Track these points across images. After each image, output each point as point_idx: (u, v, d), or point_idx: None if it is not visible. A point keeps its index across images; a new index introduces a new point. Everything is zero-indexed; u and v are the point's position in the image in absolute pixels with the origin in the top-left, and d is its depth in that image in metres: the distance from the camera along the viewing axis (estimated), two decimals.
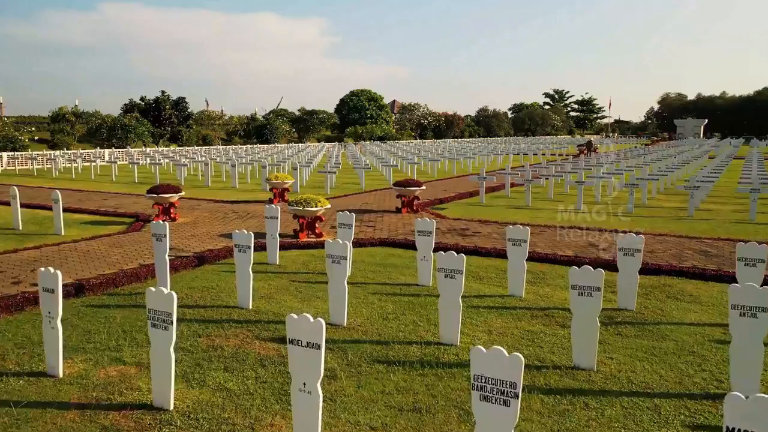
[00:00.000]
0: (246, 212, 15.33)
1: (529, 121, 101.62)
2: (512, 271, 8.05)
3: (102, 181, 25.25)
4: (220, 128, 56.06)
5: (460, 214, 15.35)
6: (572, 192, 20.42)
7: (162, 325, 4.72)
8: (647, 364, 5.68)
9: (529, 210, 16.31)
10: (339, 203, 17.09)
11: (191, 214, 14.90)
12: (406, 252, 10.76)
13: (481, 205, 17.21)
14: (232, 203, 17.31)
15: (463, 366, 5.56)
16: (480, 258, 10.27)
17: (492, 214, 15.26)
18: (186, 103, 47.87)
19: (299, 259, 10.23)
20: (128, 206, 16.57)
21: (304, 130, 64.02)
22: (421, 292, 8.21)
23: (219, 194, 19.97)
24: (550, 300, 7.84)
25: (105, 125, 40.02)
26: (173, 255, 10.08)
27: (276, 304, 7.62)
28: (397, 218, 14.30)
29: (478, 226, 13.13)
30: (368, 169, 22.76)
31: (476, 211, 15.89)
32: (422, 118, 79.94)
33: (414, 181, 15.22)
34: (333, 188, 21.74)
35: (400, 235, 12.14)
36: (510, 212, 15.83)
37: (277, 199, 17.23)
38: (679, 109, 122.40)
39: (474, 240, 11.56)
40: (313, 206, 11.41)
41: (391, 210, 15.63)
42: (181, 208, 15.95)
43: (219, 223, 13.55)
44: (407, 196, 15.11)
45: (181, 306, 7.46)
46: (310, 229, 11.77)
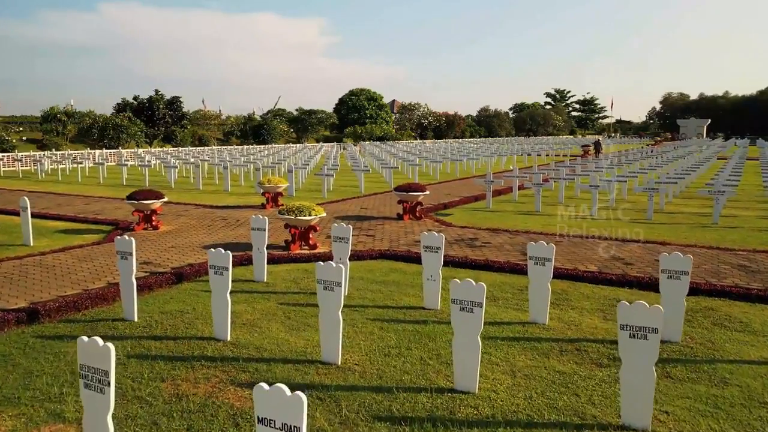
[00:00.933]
0: (236, 219, 14.21)
1: (531, 121, 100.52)
2: (534, 294, 6.95)
3: (89, 184, 24.13)
4: (216, 128, 54.93)
5: (466, 221, 14.25)
6: (583, 196, 19.32)
7: (97, 387, 3.62)
8: (713, 422, 4.58)
9: (539, 216, 15.20)
10: (336, 208, 15.98)
11: (176, 222, 13.78)
12: (410, 266, 9.65)
13: (488, 211, 16.11)
14: (222, 209, 16.20)
15: (486, 425, 4.46)
16: (493, 274, 9.16)
17: (501, 221, 14.15)
18: (180, 103, 46.62)
19: (290, 276, 9.12)
20: (110, 212, 15.46)
21: (302, 130, 62.89)
22: (428, 317, 7.11)
23: (209, 198, 18.85)
24: (578, 328, 6.73)
25: (96, 125, 38.82)
26: (148, 271, 8.98)
27: (259, 334, 6.51)
28: (398, 226, 13.19)
29: (488, 236, 12.03)
30: (367, 172, 21.66)
31: (484, 218, 14.78)
32: (422, 118, 78.82)
33: (417, 185, 14.11)
34: (330, 191, 20.63)
35: (403, 245, 11.04)
36: (520, 219, 14.72)
37: (270, 204, 16.13)
38: (682, 108, 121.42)
39: (484, 252, 10.46)
40: (306, 215, 10.31)
41: (391, 217, 14.52)
42: (166, 214, 14.84)
43: (205, 232, 12.44)
44: (409, 202, 14.01)
45: (147, 338, 6.36)
46: (303, 240, 10.66)
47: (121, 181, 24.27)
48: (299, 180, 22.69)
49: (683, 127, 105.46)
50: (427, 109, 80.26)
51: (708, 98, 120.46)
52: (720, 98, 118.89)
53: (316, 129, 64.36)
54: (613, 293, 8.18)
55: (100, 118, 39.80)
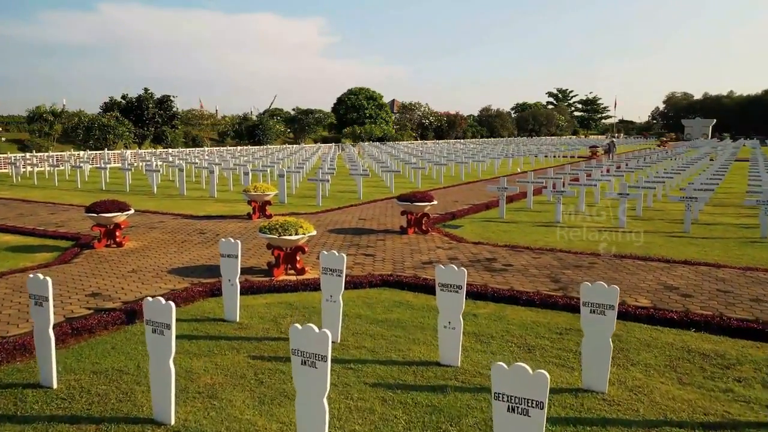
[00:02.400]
0: (216, 233, 12.43)
1: (533, 121, 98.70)
2: (590, 352, 5.17)
3: (66, 189, 22.36)
4: (209, 128, 53.10)
5: (479, 234, 12.48)
6: (605, 202, 17.56)
7: None
8: None
9: (560, 228, 13.43)
10: (331, 219, 14.20)
11: (146, 236, 12.00)
12: (418, 297, 7.89)
13: (502, 222, 14.32)
14: (202, 219, 14.41)
15: None
16: (521, 310, 7.40)
17: (519, 236, 12.38)
18: (171, 102, 44.64)
19: (270, 313, 7.34)
20: (75, 223, 13.70)
21: (300, 130, 61.04)
22: (447, 379, 5.36)
23: (191, 206, 17.07)
24: (651, 400, 4.96)
25: (81, 125, 36.94)
26: (93, 306, 7.22)
27: (217, 413, 4.74)
28: (402, 242, 11.42)
29: (508, 255, 10.25)
30: (366, 176, 19.88)
31: (499, 231, 13.01)
32: (423, 118, 77.01)
33: (422, 194, 12.32)
34: (326, 198, 18.85)
35: (408, 268, 9.28)
36: (539, 232, 12.94)
37: (257, 213, 14.35)
38: (685, 108, 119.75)
39: (507, 278, 8.69)
40: (292, 234, 8.54)
41: (394, 230, 12.75)
42: (138, 226, 13.08)
43: (176, 250, 10.66)
44: (414, 214, 12.24)
45: (62, 419, 4.58)
46: (288, 263, 8.89)
47: (100, 186, 22.48)
48: (293, 185, 20.91)
49: (688, 127, 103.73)
50: (428, 109, 78.45)
51: (712, 98, 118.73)
52: (724, 98, 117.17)
53: (314, 129, 62.50)
54: (677, 338, 6.43)
55: (86, 117, 37.92)
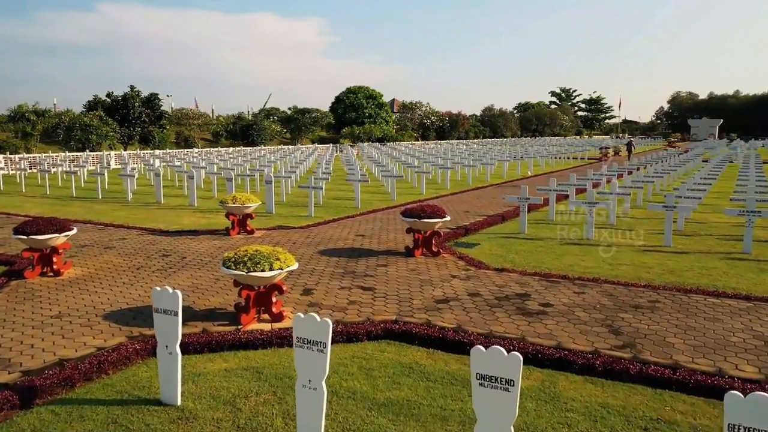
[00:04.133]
0: (182, 255, 10.31)
1: (537, 121, 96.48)
2: None
3: (31, 195, 20.24)
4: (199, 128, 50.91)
5: (501, 256, 10.35)
6: (636, 213, 15.44)
7: None
8: None
9: (593, 247, 11.32)
10: (322, 236, 12.08)
11: (96, 261, 9.87)
12: (434, 358, 5.79)
13: (524, 238, 12.20)
14: (173, 235, 12.30)
15: None
16: (579, 381, 5.29)
17: (549, 258, 10.26)
18: (159, 100, 42.31)
19: (228, 388, 5.21)
20: (19, 243, 11.53)
21: (296, 130, 58.82)
22: None
23: (165, 218, 14.94)
24: None
25: (62, 125, 34.71)
26: None
27: None
28: (408, 268, 9.31)
29: (543, 288, 8.14)
30: (365, 182, 17.77)
31: (522, 251, 10.89)
32: (424, 118, 74.83)
33: (432, 209, 10.18)
34: (319, 207, 16.74)
35: (418, 308, 7.18)
36: (571, 253, 10.82)
37: (237, 228, 12.24)
38: (690, 108, 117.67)
39: (548, 325, 6.59)
40: (264, 268, 6.44)
41: (398, 251, 10.64)
42: (91, 246, 10.98)
43: (126, 281, 8.54)
44: (423, 232, 10.13)
45: None
46: (261, 306, 6.79)
47: (71, 192, 20.35)
48: (284, 190, 18.79)
49: (694, 127, 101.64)
50: (429, 109, 76.24)
51: (718, 97, 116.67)
52: (730, 97, 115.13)
53: (311, 129, 60.27)
54: None
55: (66, 117, 35.66)
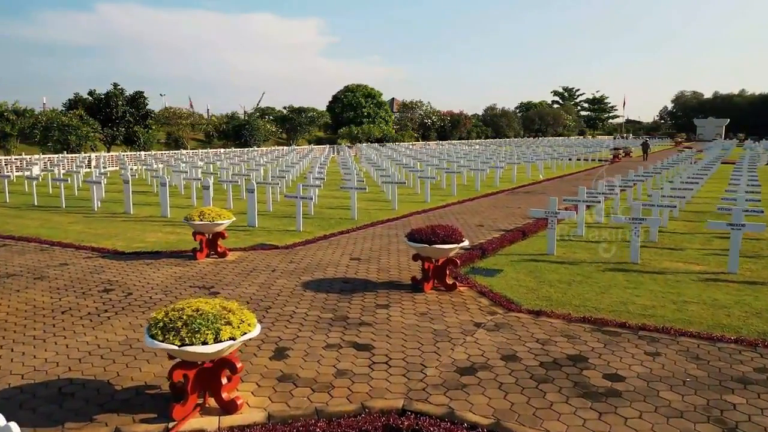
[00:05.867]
0: (128, 289, 8.14)
1: (540, 121, 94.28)
2: None
3: None
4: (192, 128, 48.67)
5: (532, 290, 8.19)
6: (675, 226, 13.28)
7: None
8: None
9: (643, 274, 9.16)
10: (309, 260, 9.90)
11: (15, 298, 7.70)
12: None
13: (554, 262, 10.03)
14: (127, 258, 10.12)
15: None
16: None
17: (593, 292, 8.11)
18: (144, 99, 39.97)
19: None
20: None
21: (292, 130, 56.58)
22: None
23: (128, 233, 12.78)
24: None
25: (39, 125, 32.42)
26: None
27: None
28: (417, 311, 7.16)
29: (600, 345, 5.98)
30: (363, 191, 15.63)
31: (558, 282, 8.72)
32: (425, 118, 72.63)
33: (446, 231, 7.99)
34: (310, 218, 14.59)
35: (434, 385, 5.04)
36: (617, 282, 8.67)
37: (205, 251, 10.07)
38: (695, 108, 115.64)
39: (628, 420, 4.44)
40: (206, 338, 4.29)
41: (403, 282, 8.49)
42: (20, 274, 8.83)
43: (39, 334, 6.36)
44: (435, 260, 7.98)
45: None
46: (205, 390, 4.63)
47: (32, 201, 18.16)
48: (269, 200, 16.63)
49: (700, 127, 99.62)
50: (430, 108, 74.04)
51: (723, 97, 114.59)
52: (736, 96, 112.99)
53: (307, 129, 58.03)
54: None
55: (44, 116, 33.35)
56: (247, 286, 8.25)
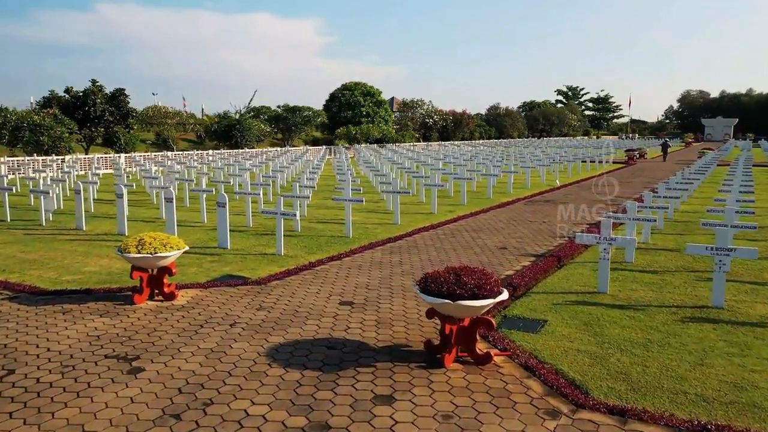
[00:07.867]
0: (11, 366, 5.64)
1: (544, 121, 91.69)
2: None
3: None
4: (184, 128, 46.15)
5: (595, 360, 5.70)
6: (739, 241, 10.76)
7: None
8: None
9: (742, 330, 6.69)
10: (286, 303, 7.37)
11: None
12: None
13: (610, 305, 7.54)
14: (44, 299, 7.61)
15: None
16: None
17: (684, 362, 5.64)
18: (125, 97, 37.29)
19: None
20: None
21: (286, 130, 53.96)
22: None
23: (67, 258, 10.28)
24: None
25: (8, 125, 29.79)
26: None
27: None
28: (436, 407, 4.69)
29: None
30: (360, 203, 13.15)
31: (625, 341, 6.24)
32: (426, 117, 70.07)
33: (475, 279, 5.49)
34: (295, 237, 12.11)
35: None
36: (711, 344, 6.21)
37: (146, 291, 7.57)
38: (702, 107, 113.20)
39: None
40: None
41: (412, 348, 6.00)
42: None
43: None
44: (457, 321, 5.48)
45: None
46: None
47: None
48: (249, 213, 14.13)
49: (708, 127, 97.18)
50: (432, 107, 71.44)
51: (731, 96, 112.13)
52: (744, 96, 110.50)
53: (302, 129, 55.40)
54: None
55: (13, 115, 30.74)
56: (189, 355, 5.76)
